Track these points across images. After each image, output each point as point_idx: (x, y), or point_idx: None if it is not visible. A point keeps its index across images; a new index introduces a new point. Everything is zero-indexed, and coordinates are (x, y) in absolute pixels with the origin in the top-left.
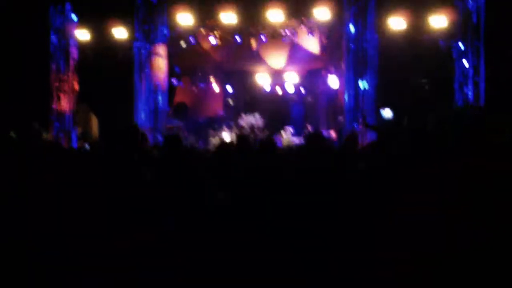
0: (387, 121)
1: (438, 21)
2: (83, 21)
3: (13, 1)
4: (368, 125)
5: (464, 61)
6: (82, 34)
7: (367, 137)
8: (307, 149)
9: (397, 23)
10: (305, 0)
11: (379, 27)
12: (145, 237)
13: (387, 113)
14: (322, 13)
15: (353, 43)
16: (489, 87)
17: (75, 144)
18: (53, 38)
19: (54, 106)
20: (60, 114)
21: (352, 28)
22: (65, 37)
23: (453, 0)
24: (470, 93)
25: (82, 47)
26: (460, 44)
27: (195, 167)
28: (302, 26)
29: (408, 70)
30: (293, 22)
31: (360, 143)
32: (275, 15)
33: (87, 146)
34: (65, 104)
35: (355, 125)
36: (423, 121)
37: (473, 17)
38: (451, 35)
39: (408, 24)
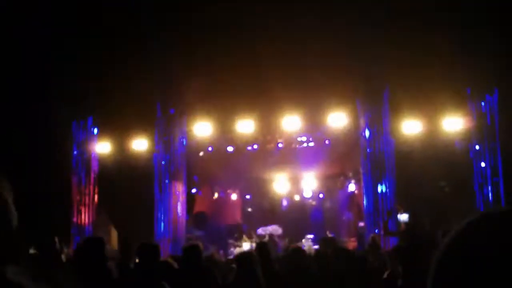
0: (405, 224)
1: (453, 123)
2: (104, 134)
3: (37, 118)
4: (388, 232)
5: (482, 163)
6: (103, 147)
7: (389, 242)
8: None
9: (412, 126)
10: (320, 108)
11: (395, 131)
12: None
13: (403, 217)
14: (338, 120)
15: (369, 147)
16: (507, 187)
17: None
18: (75, 152)
19: (74, 219)
20: (81, 228)
21: (367, 133)
22: (87, 151)
23: (467, 103)
24: (490, 194)
25: (103, 159)
26: (476, 145)
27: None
28: (319, 133)
29: (426, 172)
30: (310, 129)
31: (382, 247)
32: (291, 123)
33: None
34: (85, 217)
35: (376, 230)
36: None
37: (487, 118)
38: (467, 137)
39: (423, 127)
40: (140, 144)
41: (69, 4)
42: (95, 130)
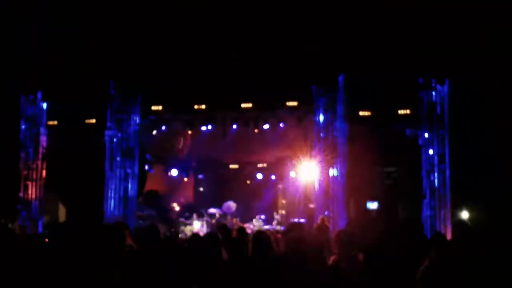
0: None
1: (404, 111)
2: (54, 109)
3: None
4: None
5: (430, 151)
6: (53, 123)
7: (338, 224)
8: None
9: (365, 112)
10: (276, 92)
11: (348, 117)
12: None
13: (373, 205)
14: (292, 104)
15: (323, 132)
16: (454, 174)
17: (40, 232)
18: (23, 126)
19: (21, 194)
20: (27, 203)
21: (321, 117)
22: (36, 126)
23: (418, 91)
24: (436, 181)
25: (52, 135)
26: (425, 133)
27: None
28: (273, 116)
29: (376, 159)
30: (264, 112)
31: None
32: (246, 105)
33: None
34: (32, 192)
35: (327, 212)
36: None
37: (437, 107)
38: (417, 124)
39: (376, 113)
40: (91, 120)
41: None
42: (44, 105)
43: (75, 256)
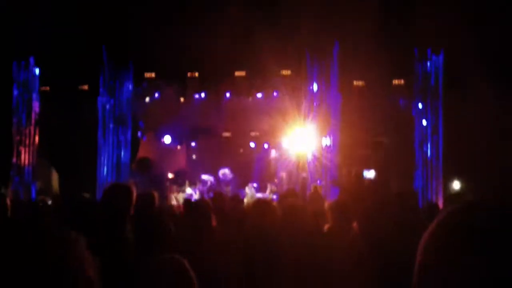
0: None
1: (399, 81)
2: (46, 75)
3: None
4: (334, 181)
5: (424, 121)
6: (45, 88)
7: (331, 193)
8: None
9: (359, 82)
10: (270, 60)
11: (342, 86)
12: None
13: (370, 174)
14: (286, 72)
15: (316, 101)
16: (447, 145)
17: (33, 197)
18: (16, 92)
19: (14, 160)
20: (20, 168)
21: (315, 86)
22: (28, 91)
23: (413, 61)
24: (429, 151)
25: (44, 101)
26: (419, 104)
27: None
28: (267, 85)
29: (370, 128)
30: (258, 81)
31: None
32: (239, 75)
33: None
34: (25, 158)
35: (319, 181)
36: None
37: (432, 78)
38: (411, 95)
39: (370, 83)
40: (84, 87)
41: None
42: (37, 71)
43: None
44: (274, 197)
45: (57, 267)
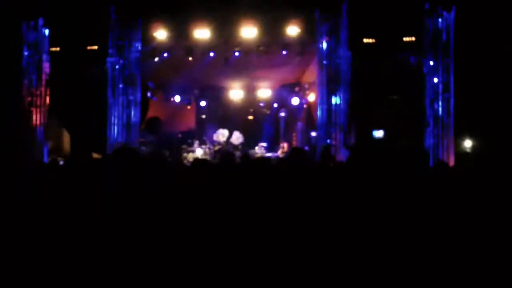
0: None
1: (409, 38)
2: (56, 35)
3: None
4: (346, 144)
5: (435, 79)
6: (55, 49)
7: (341, 153)
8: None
9: (369, 40)
10: (278, 18)
11: (352, 44)
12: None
13: (379, 133)
14: (295, 30)
15: (326, 59)
16: (459, 103)
17: (46, 158)
18: (26, 53)
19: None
20: (32, 129)
21: (324, 44)
22: (38, 52)
23: (424, 18)
24: (440, 109)
25: (55, 61)
26: (430, 61)
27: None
28: (276, 42)
29: (380, 86)
30: (267, 39)
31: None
32: (248, 32)
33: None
34: (36, 118)
35: (328, 141)
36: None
37: (443, 34)
38: (422, 52)
39: (380, 41)
40: (93, 47)
41: None
42: (46, 31)
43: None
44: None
45: None
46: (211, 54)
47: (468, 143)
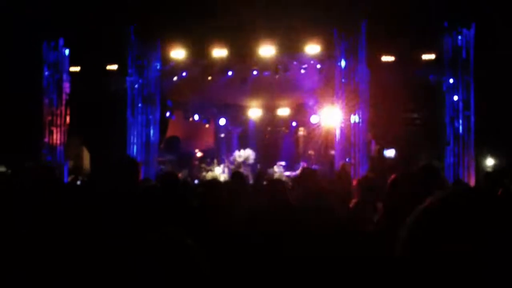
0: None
1: (428, 56)
2: (76, 56)
3: (6, 36)
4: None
5: (455, 97)
6: (75, 68)
7: (359, 171)
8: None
9: (388, 58)
10: (296, 36)
11: (371, 62)
12: None
13: (390, 153)
14: (314, 49)
15: (345, 77)
16: (479, 121)
17: (66, 178)
18: (46, 72)
19: (46, 140)
20: (52, 148)
21: (343, 62)
22: (58, 72)
23: (443, 35)
24: (460, 128)
25: (75, 81)
26: (450, 79)
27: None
28: (294, 62)
29: (399, 104)
30: (285, 58)
31: (352, 177)
32: (267, 51)
33: (79, 181)
34: (56, 137)
35: (348, 159)
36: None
37: (463, 52)
38: (441, 70)
39: (399, 59)
40: (112, 67)
41: None
42: (67, 51)
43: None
44: None
45: None
46: (229, 73)
47: (489, 162)
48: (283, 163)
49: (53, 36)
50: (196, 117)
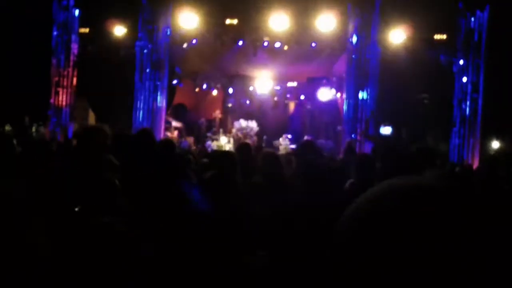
0: (386, 136)
1: (440, 36)
2: (85, 17)
3: None
4: (368, 136)
5: (464, 79)
6: (84, 30)
7: (365, 147)
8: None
9: (400, 36)
10: (310, 9)
11: (382, 40)
12: None
13: (386, 130)
14: (326, 23)
15: (356, 54)
16: (487, 104)
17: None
18: (55, 33)
19: (52, 100)
20: (58, 109)
21: (355, 39)
22: (67, 33)
23: (456, 17)
24: (467, 109)
25: (83, 43)
26: (460, 60)
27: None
28: (306, 35)
29: (408, 83)
30: (297, 30)
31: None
32: (278, 23)
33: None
34: (63, 99)
35: (353, 135)
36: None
37: (475, 34)
38: (453, 51)
39: (411, 38)
40: (122, 30)
41: None
42: (77, 12)
43: None
44: None
45: None
46: (240, 42)
47: (496, 144)
48: (289, 136)
49: None
50: (204, 86)
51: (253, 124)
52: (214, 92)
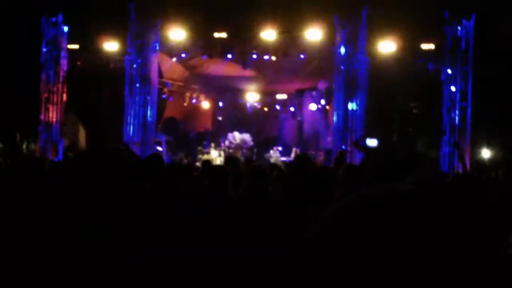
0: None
1: (428, 46)
2: (74, 33)
3: (5, 12)
4: (359, 146)
5: (452, 87)
6: (73, 45)
7: (356, 158)
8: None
9: (387, 47)
10: (298, 21)
11: (370, 50)
12: None
13: (372, 142)
14: (314, 34)
15: (344, 64)
16: (475, 112)
17: (61, 155)
18: (44, 49)
19: (42, 117)
20: (48, 125)
21: (343, 49)
22: (56, 49)
23: (443, 26)
24: (456, 118)
25: (72, 58)
26: (448, 69)
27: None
28: (294, 47)
29: (397, 93)
30: (285, 42)
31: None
32: (267, 35)
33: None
34: (53, 115)
35: (344, 146)
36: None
37: (462, 42)
38: (440, 60)
39: (399, 48)
40: (111, 45)
41: None
42: (65, 28)
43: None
44: None
45: None
46: (229, 55)
47: (485, 153)
48: (280, 148)
49: (52, 12)
50: (194, 100)
51: (247, 138)
52: (205, 105)
